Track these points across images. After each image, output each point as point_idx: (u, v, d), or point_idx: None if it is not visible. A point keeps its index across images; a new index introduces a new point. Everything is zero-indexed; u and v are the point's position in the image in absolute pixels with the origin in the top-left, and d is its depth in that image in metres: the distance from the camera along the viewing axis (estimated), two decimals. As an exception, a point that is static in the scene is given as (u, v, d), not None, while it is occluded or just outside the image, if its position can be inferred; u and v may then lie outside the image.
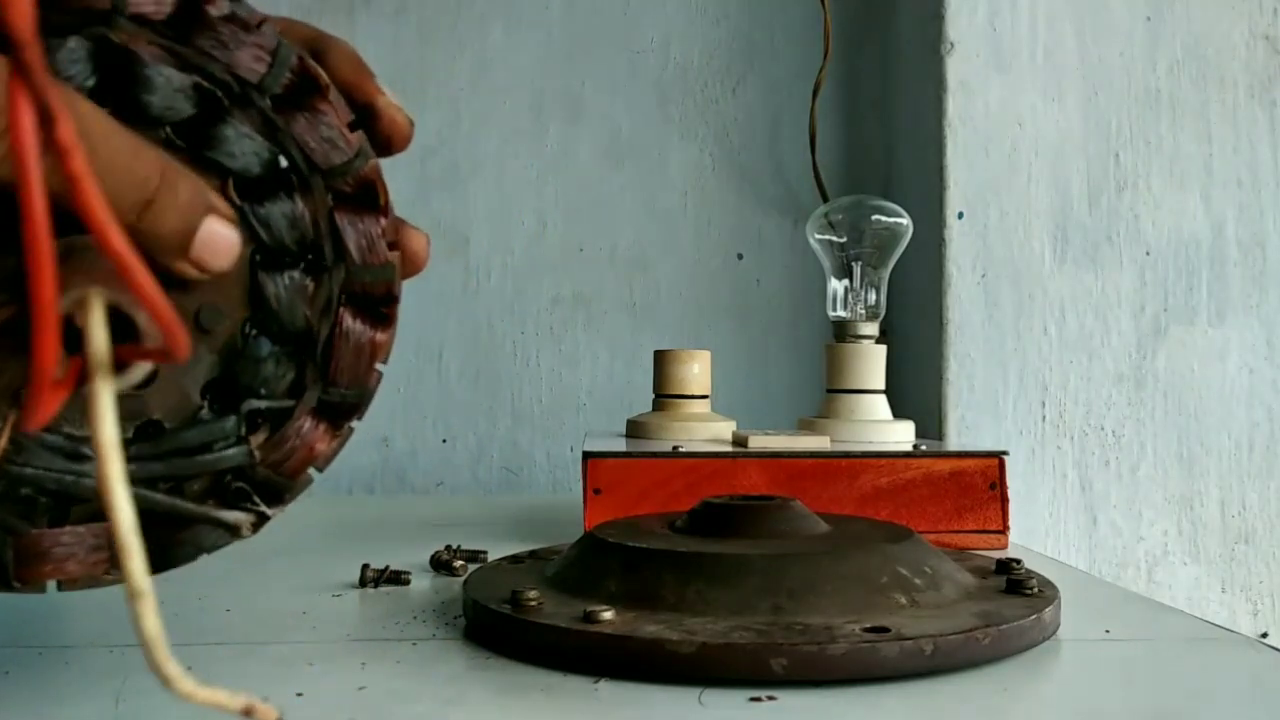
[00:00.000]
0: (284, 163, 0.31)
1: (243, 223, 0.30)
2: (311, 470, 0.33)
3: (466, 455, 1.03)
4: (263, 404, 0.31)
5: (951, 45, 0.87)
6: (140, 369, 0.23)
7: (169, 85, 0.28)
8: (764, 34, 1.05)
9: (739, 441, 0.68)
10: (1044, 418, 0.87)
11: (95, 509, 0.29)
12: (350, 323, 0.32)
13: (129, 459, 0.29)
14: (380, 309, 0.33)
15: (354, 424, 0.33)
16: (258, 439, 0.32)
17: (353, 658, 0.39)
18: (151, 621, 0.21)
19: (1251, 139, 0.89)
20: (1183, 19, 0.88)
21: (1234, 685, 0.37)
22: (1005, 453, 0.64)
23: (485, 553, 0.58)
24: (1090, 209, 0.88)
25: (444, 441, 1.02)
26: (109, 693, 0.35)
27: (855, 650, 0.35)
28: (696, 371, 0.78)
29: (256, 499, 0.31)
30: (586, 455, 0.63)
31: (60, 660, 0.39)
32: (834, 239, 0.79)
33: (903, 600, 0.40)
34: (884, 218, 0.78)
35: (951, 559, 0.46)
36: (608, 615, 0.38)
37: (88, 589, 0.30)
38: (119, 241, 0.19)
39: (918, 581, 0.41)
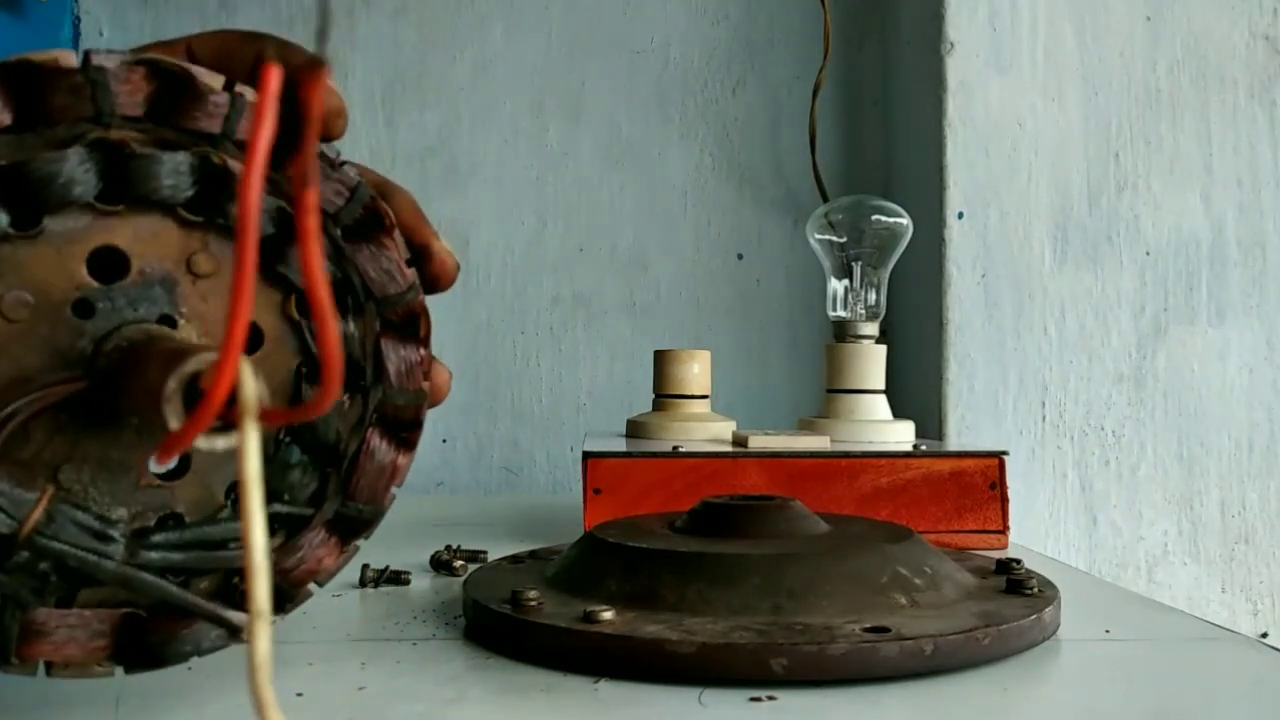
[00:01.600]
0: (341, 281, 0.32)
1: (297, 336, 0.32)
2: (311, 585, 0.34)
3: (466, 455, 1.03)
4: (284, 509, 0.32)
5: (951, 45, 0.87)
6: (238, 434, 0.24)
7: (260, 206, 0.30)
8: (764, 34, 1.05)
9: (739, 441, 0.68)
10: (1044, 418, 0.87)
11: (102, 596, 0.30)
12: (377, 442, 0.34)
13: (151, 546, 0.30)
14: (405, 434, 0.35)
15: (359, 543, 0.34)
16: (273, 543, 0.32)
17: (353, 658, 0.39)
18: (264, 646, 0.22)
19: (1251, 139, 0.89)
20: (1183, 19, 0.88)
21: (1234, 685, 0.37)
22: (1005, 453, 0.64)
23: (485, 553, 0.58)
24: (1090, 209, 0.88)
25: (444, 441, 1.02)
26: (109, 695, 0.35)
27: (855, 650, 0.35)
28: (696, 371, 0.78)
29: None
30: (586, 455, 0.63)
31: (60, 660, 0.39)
32: (834, 239, 0.79)
33: (903, 600, 0.40)
34: (884, 218, 0.78)
35: (951, 559, 0.46)
36: (608, 615, 0.38)
37: (76, 678, 0.30)
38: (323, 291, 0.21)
39: (918, 581, 0.41)
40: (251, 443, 0.22)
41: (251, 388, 0.22)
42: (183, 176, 0.29)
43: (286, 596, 0.33)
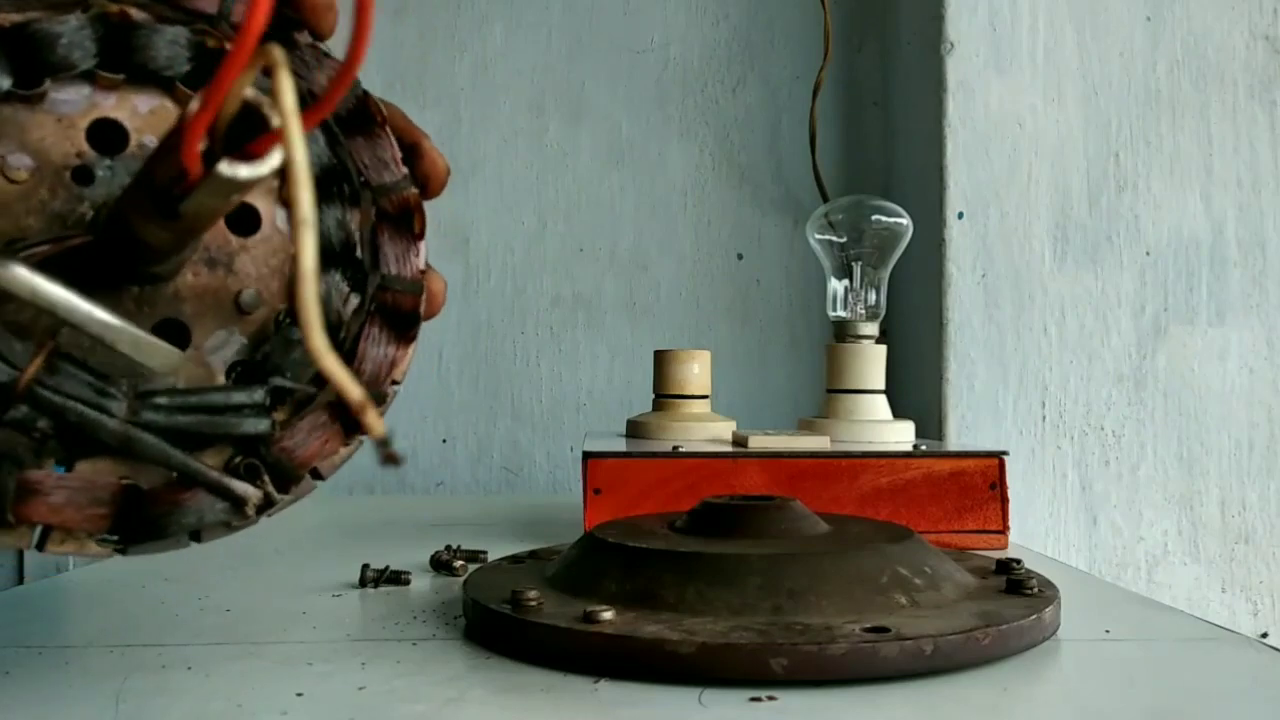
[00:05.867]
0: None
1: None
2: (313, 481, 0.33)
3: (466, 455, 1.03)
4: (288, 383, 0.32)
5: (951, 45, 0.87)
6: (271, 159, 0.24)
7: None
8: (764, 34, 1.05)
9: (739, 441, 0.68)
10: (1044, 418, 0.87)
11: (101, 469, 0.29)
12: (376, 331, 0.34)
13: (154, 407, 0.30)
14: (404, 328, 0.35)
15: (363, 437, 0.34)
16: (277, 416, 0.32)
17: (353, 658, 0.39)
18: (311, 253, 0.22)
19: (1251, 139, 0.89)
20: (1183, 19, 0.88)
21: (1234, 685, 0.37)
22: (1005, 453, 0.64)
23: (485, 553, 0.58)
24: (1090, 209, 0.88)
25: (444, 441, 1.02)
26: (109, 693, 0.35)
27: (855, 650, 0.35)
28: (696, 371, 0.78)
29: (266, 477, 0.32)
30: (586, 455, 0.63)
31: (60, 660, 0.39)
32: (834, 239, 0.79)
33: (903, 600, 0.40)
34: (884, 218, 0.78)
35: (951, 559, 0.46)
36: (608, 615, 0.38)
37: (73, 554, 0.29)
38: None
39: (918, 581, 0.41)
40: (283, 73, 0.22)
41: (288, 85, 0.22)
42: (179, 49, 0.30)
43: (289, 475, 0.32)
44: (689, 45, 1.05)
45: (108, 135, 0.30)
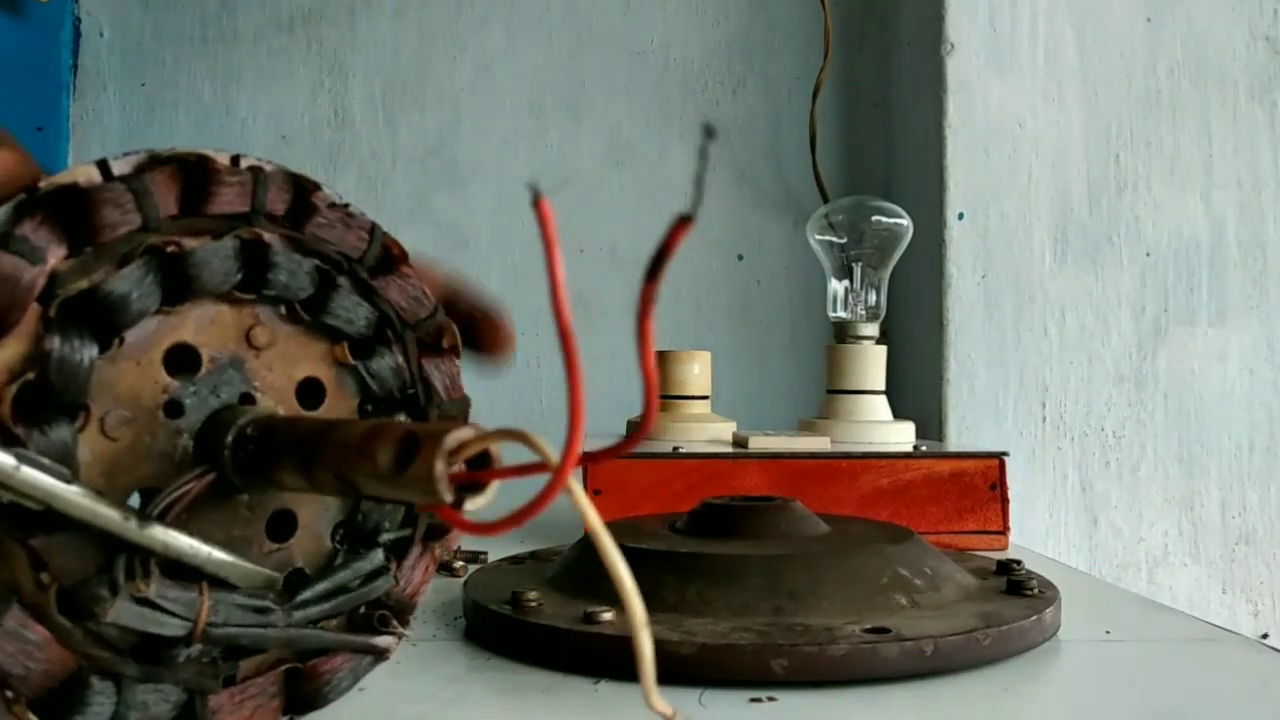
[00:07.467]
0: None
1: (356, 379, 0.34)
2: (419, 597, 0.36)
3: (466, 456, 1.02)
4: (390, 537, 0.34)
5: (951, 46, 0.87)
6: (490, 490, 0.26)
7: (299, 268, 0.31)
8: (764, 35, 1.05)
9: (739, 442, 0.68)
10: (1044, 419, 0.87)
11: (259, 661, 0.31)
12: None
13: (300, 605, 0.31)
14: None
15: (438, 546, 0.36)
16: (391, 569, 0.34)
17: (353, 658, 0.39)
18: (648, 649, 0.25)
19: (1251, 139, 0.89)
20: (1183, 20, 0.88)
21: (1234, 686, 0.37)
22: (1005, 454, 0.64)
23: (485, 553, 0.58)
24: (1090, 210, 0.88)
25: (444, 442, 1.02)
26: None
27: (856, 651, 0.35)
28: (696, 372, 0.78)
29: (397, 623, 0.34)
30: (586, 456, 0.63)
31: (60, 661, 0.39)
32: (834, 240, 0.79)
33: (903, 601, 0.40)
34: (884, 218, 0.78)
35: (952, 560, 0.46)
36: (608, 616, 0.38)
37: None
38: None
39: (918, 582, 0.41)
40: (581, 495, 0.25)
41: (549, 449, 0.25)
42: (230, 262, 0.30)
43: (408, 609, 0.35)
44: (689, 46, 1.05)
45: (181, 358, 0.30)
